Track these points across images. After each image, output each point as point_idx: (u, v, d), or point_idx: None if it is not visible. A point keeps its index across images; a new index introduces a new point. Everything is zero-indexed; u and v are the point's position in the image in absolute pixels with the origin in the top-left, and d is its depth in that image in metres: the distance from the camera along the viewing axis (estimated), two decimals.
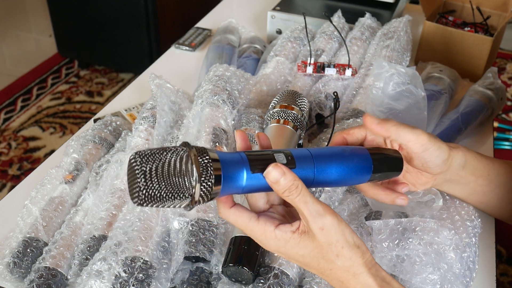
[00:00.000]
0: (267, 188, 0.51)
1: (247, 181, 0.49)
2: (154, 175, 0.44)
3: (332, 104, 0.84)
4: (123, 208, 0.70)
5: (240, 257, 0.59)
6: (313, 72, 0.93)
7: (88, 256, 0.64)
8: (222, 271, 0.60)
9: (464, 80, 1.06)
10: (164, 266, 0.64)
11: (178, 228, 0.65)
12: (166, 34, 2.37)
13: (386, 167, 0.59)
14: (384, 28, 1.02)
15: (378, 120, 0.59)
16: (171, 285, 0.63)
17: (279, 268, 0.60)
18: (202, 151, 0.46)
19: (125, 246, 0.62)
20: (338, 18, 1.08)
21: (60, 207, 0.72)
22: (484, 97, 0.93)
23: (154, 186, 0.44)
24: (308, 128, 0.81)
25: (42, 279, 0.62)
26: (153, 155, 0.45)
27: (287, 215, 0.55)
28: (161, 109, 0.81)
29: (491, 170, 0.70)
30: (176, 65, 1.14)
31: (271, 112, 0.77)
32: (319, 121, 0.86)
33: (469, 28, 1.14)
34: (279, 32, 1.17)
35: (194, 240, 0.63)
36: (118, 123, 0.86)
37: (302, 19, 1.04)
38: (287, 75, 0.95)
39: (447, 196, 0.71)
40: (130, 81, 2.47)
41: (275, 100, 0.78)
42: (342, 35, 1.02)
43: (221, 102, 0.79)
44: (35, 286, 0.62)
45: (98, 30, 2.39)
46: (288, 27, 1.10)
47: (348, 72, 0.93)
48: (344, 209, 0.70)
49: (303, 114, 0.76)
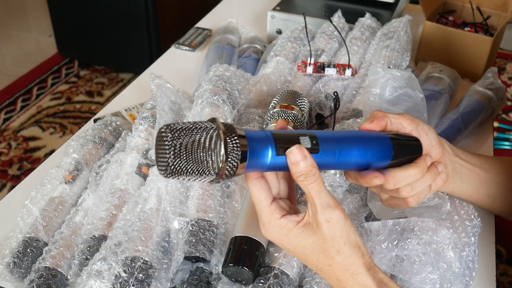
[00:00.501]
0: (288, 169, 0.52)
1: (271, 160, 0.50)
2: (184, 151, 0.46)
3: (332, 104, 0.84)
4: (123, 208, 0.70)
5: (240, 257, 0.59)
6: (313, 72, 0.93)
7: (88, 256, 0.64)
8: (222, 271, 0.60)
9: (464, 80, 1.06)
10: (164, 266, 0.64)
11: (178, 228, 0.65)
12: (166, 34, 2.37)
13: (406, 152, 0.60)
14: (384, 28, 1.02)
15: (369, 120, 0.59)
16: (171, 285, 0.63)
17: (279, 268, 0.60)
18: (230, 130, 0.47)
19: (125, 246, 0.62)
20: (338, 18, 1.08)
21: (60, 207, 0.72)
22: (484, 97, 0.93)
23: (182, 161, 0.46)
24: (308, 128, 0.81)
25: (42, 279, 0.62)
26: (183, 130, 0.46)
27: (291, 211, 0.55)
28: (161, 109, 0.81)
29: (481, 160, 0.71)
30: (176, 65, 1.14)
31: (271, 112, 0.77)
32: (319, 121, 0.86)
33: (469, 28, 1.14)
34: (279, 32, 1.16)
35: (194, 240, 0.63)
36: (118, 123, 0.86)
37: (302, 19, 1.04)
38: (287, 75, 0.95)
39: (446, 196, 0.71)
40: (130, 81, 2.47)
41: (275, 100, 0.79)
42: (342, 35, 1.02)
43: (221, 102, 0.79)
44: (35, 286, 0.62)
45: (98, 30, 2.39)
46: (288, 27, 1.10)
47: (348, 72, 0.93)
48: (344, 209, 0.69)
49: (303, 114, 0.77)
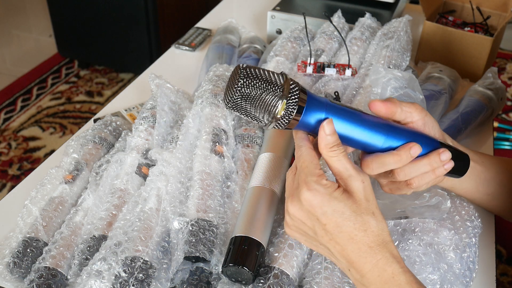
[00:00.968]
0: (349, 127, 0.56)
1: (329, 105, 0.55)
2: (252, 83, 0.52)
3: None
4: (123, 208, 0.70)
5: (240, 257, 0.59)
6: (313, 72, 0.93)
7: (88, 256, 0.64)
8: (222, 271, 0.60)
9: (464, 80, 1.06)
10: (164, 266, 0.64)
11: (178, 228, 0.65)
12: (166, 34, 2.37)
13: (453, 155, 0.60)
14: (384, 28, 1.02)
15: (383, 103, 0.59)
16: (171, 285, 0.63)
17: (279, 268, 0.60)
18: (296, 84, 0.53)
19: (125, 246, 0.62)
20: (338, 18, 1.08)
21: (60, 207, 0.72)
22: (484, 97, 0.93)
23: (249, 90, 0.52)
24: None
25: (42, 279, 0.62)
26: (259, 70, 0.53)
27: None
28: (161, 109, 0.81)
29: (482, 158, 0.71)
30: (176, 65, 1.14)
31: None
32: None
33: (469, 28, 1.14)
34: (279, 32, 1.16)
35: (194, 240, 0.63)
36: (118, 123, 0.86)
37: (302, 19, 1.04)
38: None
39: (447, 194, 0.71)
40: (130, 81, 2.47)
41: None
42: (342, 35, 1.02)
43: (221, 102, 0.79)
44: (35, 286, 0.62)
45: (98, 30, 2.39)
46: (288, 27, 1.10)
47: (348, 72, 0.93)
48: None
49: None
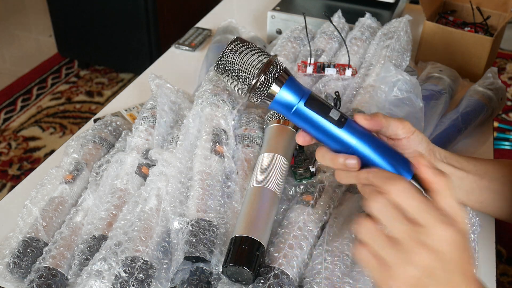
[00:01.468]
0: (311, 127, 0.57)
1: (299, 106, 0.56)
2: (238, 52, 0.56)
3: (333, 104, 0.84)
4: (123, 208, 0.70)
5: (240, 257, 0.59)
6: (313, 72, 0.93)
7: (88, 256, 0.64)
8: (222, 271, 0.60)
9: (464, 80, 1.06)
10: (164, 266, 0.64)
11: (178, 228, 0.65)
12: (166, 34, 2.37)
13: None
14: (384, 28, 1.02)
15: (368, 116, 0.59)
16: (171, 285, 0.63)
17: (279, 268, 0.60)
18: (280, 64, 0.57)
19: (125, 246, 0.62)
20: (338, 18, 1.08)
21: (60, 207, 0.72)
22: (484, 97, 0.93)
23: (229, 60, 0.56)
24: None
25: (42, 279, 0.62)
26: (248, 44, 0.57)
27: None
28: (161, 109, 0.81)
29: (477, 166, 0.70)
30: (176, 65, 1.14)
31: (271, 112, 0.77)
32: None
33: (469, 28, 1.14)
34: (279, 32, 1.16)
35: (194, 240, 0.63)
36: (118, 123, 0.86)
37: (302, 19, 1.04)
38: None
39: None
40: (130, 81, 2.47)
41: None
42: (342, 35, 1.02)
43: (221, 102, 0.79)
44: (35, 286, 0.62)
45: (98, 30, 2.39)
46: (288, 27, 1.10)
47: (348, 72, 0.93)
48: (344, 209, 0.70)
49: None
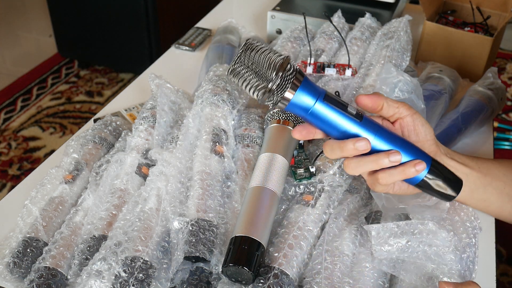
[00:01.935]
0: (329, 125, 0.59)
1: (317, 104, 0.58)
2: (249, 57, 0.57)
3: None
4: (123, 208, 0.70)
5: (240, 257, 0.59)
6: (313, 72, 0.93)
7: (88, 256, 0.64)
8: (222, 271, 0.60)
9: (464, 80, 1.06)
10: (164, 266, 0.64)
11: (178, 228, 0.65)
12: (166, 34, 2.37)
13: (443, 177, 0.62)
14: (384, 28, 1.02)
15: (368, 97, 0.60)
16: (171, 285, 0.63)
17: (279, 268, 0.60)
18: (294, 66, 0.57)
19: (125, 246, 0.62)
20: (338, 18, 1.08)
21: (60, 207, 0.72)
22: (484, 97, 0.93)
23: (248, 59, 0.57)
24: None
25: (42, 279, 0.62)
26: (262, 46, 0.57)
27: None
28: (161, 109, 0.81)
29: (479, 164, 0.70)
30: (176, 65, 1.14)
31: (271, 112, 0.77)
32: None
33: (469, 28, 1.14)
34: (279, 32, 1.16)
35: (194, 240, 0.63)
36: (118, 123, 0.86)
37: (302, 19, 1.04)
38: None
39: None
40: (130, 81, 2.47)
41: None
42: (342, 35, 1.02)
43: (221, 102, 0.79)
44: (35, 286, 0.62)
45: (98, 30, 2.39)
46: (288, 27, 1.10)
47: (348, 72, 0.93)
48: (344, 209, 0.70)
49: None
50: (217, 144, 0.74)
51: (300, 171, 0.74)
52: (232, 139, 0.77)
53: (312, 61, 0.94)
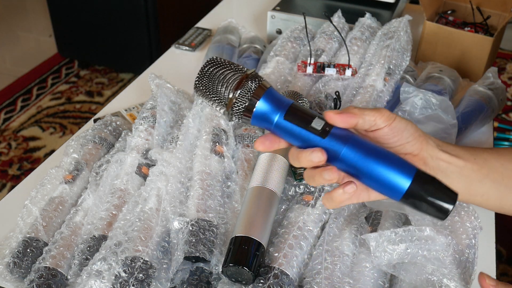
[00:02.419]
0: (294, 139, 0.55)
1: (279, 119, 0.55)
2: (208, 76, 0.55)
3: (332, 104, 0.84)
4: (123, 208, 0.70)
5: (240, 257, 0.59)
6: (313, 72, 0.93)
7: (88, 256, 0.64)
8: (222, 271, 0.60)
9: (464, 80, 1.06)
10: (164, 266, 0.64)
11: (178, 228, 0.65)
12: (166, 34, 2.37)
13: (431, 191, 0.52)
14: (384, 28, 1.02)
15: (339, 111, 0.55)
16: (171, 285, 0.63)
17: (279, 268, 0.60)
18: (255, 76, 0.55)
19: (125, 246, 0.62)
20: (338, 18, 1.08)
21: (60, 207, 0.72)
22: (484, 97, 0.93)
23: (204, 83, 0.56)
24: None
25: (42, 279, 0.62)
26: (222, 64, 0.56)
27: None
28: (161, 109, 0.81)
29: (474, 155, 0.64)
30: (176, 65, 1.14)
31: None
32: None
33: (469, 28, 1.14)
34: (279, 32, 1.16)
35: (194, 240, 0.63)
36: (118, 123, 0.86)
37: (302, 19, 1.04)
38: (287, 75, 0.95)
39: None
40: (130, 81, 2.47)
41: None
42: (342, 35, 1.02)
43: None
44: (35, 286, 0.62)
45: (98, 30, 2.39)
46: (288, 27, 1.10)
47: (348, 72, 0.93)
48: (344, 209, 0.70)
49: None
50: (217, 144, 0.74)
51: (300, 171, 0.74)
52: (232, 139, 0.77)
53: (312, 61, 0.94)
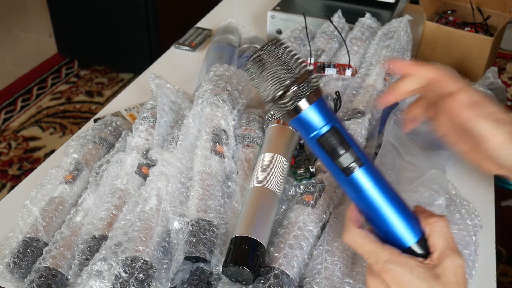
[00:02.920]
0: (323, 160, 0.52)
1: (315, 135, 0.51)
2: (274, 55, 0.52)
3: (333, 104, 0.84)
4: (123, 208, 0.70)
5: (240, 257, 0.59)
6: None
7: (88, 256, 0.64)
8: (222, 271, 0.60)
9: (464, 80, 1.06)
10: (164, 266, 0.64)
11: (178, 228, 0.65)
12: (166, 34, 2.37)
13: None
14: (384, 28, 1.02)
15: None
16: (171, 285, 0.63)
17: (279, 268, 0.60)
18: (316, 78, 0.52)
19: (125, 246, 0.62)
20: (338, 18, 1.08)
21: (60, 207, 0.72)
22: None
23: (268, 59, 0.52)
24: None
25: (42, 279, 0.62)
26: (289, 50, 0.52)
27: None
28: (161, 109, 0.81)
29: None
30: (176, 65, 1.14)
31: (271, 112, 0.77)
32: None
33: (469, 28, 1.14)
34: (279, 32, 1.16)
35: (194, 240, 0.63)
36: (118, 123, 0.86)
37: (302, 19, 1.04)
38: None
39: (447, 195, 0.71)
40: (130, 81, 2.47)
41: None
42: (342, 35, 1.02)
43: (221, 102, 0.79)
44: (35, 286, 0.62)
45: (98, 30, 2.39)
46: (288, 27, 1.10)
47: (348, 72, 0.93)
48: (344, 209, 0.70)
49: None
50: (217, 144, 0.74)
51: (300, 171, 0.74)
52: (232, 139, 0.77)
53: (312, 61, 0.94)
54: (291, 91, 0.50)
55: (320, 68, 0.93)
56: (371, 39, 1.03)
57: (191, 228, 0.64)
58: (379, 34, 1.01)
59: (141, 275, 0.60)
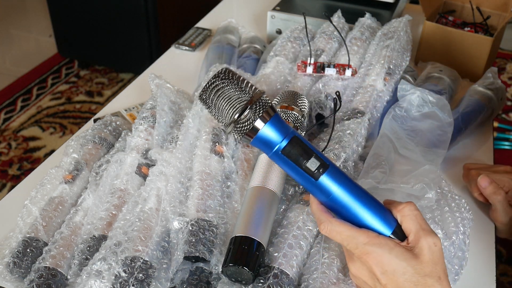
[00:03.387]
0: (289, 171, 0.56)
1: (277, 150, 0.55)
2: (215, 90, 0.55)
3: (332, 104, 0.84)
4: (123, 208, 0.70)
5: (240, 257, 0.59)
6: (313, 72, 0.93)
7: (88, 256, 0.64)
8: (222, 271, 0.60)
9: (464, 80, 1.06)
10: (164, 266, 0.64)
11: (178, 228, 0.65)
12: (166, 34, 2.37)
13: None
14: (384, 28, 1.02)
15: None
16: (171, 285, 0.63)
17: (278, 268, 0.60)
18: (263, 102, 0.55)
19: (125, 246, 0.62)
20: (338, 18, 1.08)
21: (60, 207, 0.72)
22: (484, 97, 0.93)
23: (210, 96, 0.55)
24: (308, 128, 0.81)
25: (42, 279, 0.62)
26: (231, 80, 0.55)
27: None
28: (161, 109, 0.81)
29: None
30: (176, 65, 1.14)
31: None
32: (319, 121, 0.86)
33: (469, 28, 1.14)
34: (279, 32, 1.16)
35: (194, 240, 0.63)
36: (118, 123, 0.86)
37: (302, 19, 1.04)
38: (287, 75, 0.95)
39: (438, 189, 0.71)
40: (130, 81, 2.47)
41: (275, 101, 0.79)
42: (342, 35, 1.02)
43: None
44: (35, 286, 0.62)
45: (98, 30, 2.39)
46: (288, 27, 1.10)
47: (348, 72, 0.93)
48: None
49: (303, 114, 0.77)
50: (217, 144, 0.74)
51: None
52: (232, 139, 0.77)
53: (312, 61, 0.94)
54: (246, 112, 0.54)
55: (320, 68, 0.93)
56: (371, 39, 1.03)
57: (190, 228, 0.64)
58: (379, 34, 1.01)
59: (140, 275, 0.60)
